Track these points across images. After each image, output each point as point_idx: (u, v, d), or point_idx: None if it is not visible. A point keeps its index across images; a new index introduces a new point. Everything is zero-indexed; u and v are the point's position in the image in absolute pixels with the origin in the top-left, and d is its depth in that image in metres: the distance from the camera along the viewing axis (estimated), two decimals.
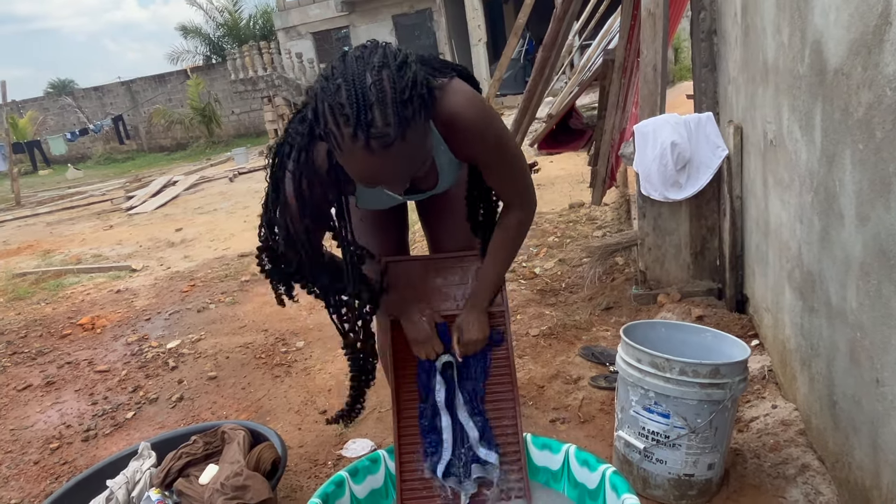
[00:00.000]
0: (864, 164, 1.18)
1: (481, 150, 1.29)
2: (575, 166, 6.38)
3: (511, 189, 1.42)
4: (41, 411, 2.80)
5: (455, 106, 1.20)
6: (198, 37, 20.13)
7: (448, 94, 1.21)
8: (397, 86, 0.99)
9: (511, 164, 1.35)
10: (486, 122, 1.25)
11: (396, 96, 0.98)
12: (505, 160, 1.34)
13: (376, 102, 0.97)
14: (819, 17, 1.38)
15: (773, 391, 2.00)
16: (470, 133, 1.24)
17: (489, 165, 1.35)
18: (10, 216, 9.91)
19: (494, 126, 1.28)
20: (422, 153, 1.10)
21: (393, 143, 0.99)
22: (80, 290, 4.77)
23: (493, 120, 1.28)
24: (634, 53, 3.52)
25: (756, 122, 2.15)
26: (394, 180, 1.10)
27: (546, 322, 2.88)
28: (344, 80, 0.99)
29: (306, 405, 2.48)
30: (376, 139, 0.98)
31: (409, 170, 1.09)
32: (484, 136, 1.26)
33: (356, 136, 0.98)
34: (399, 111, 0.98)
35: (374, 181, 1.09)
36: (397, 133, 0.99)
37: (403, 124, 0.99)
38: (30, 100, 20.93)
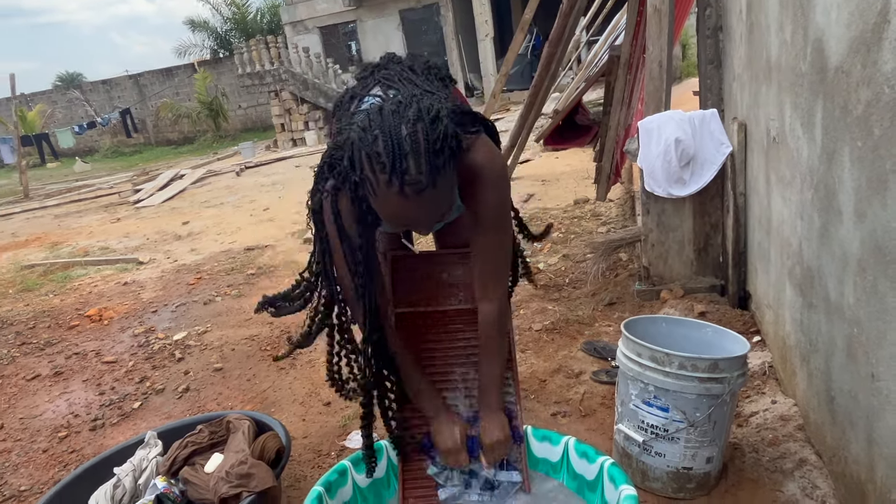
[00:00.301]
0: (862, 161, 1.19)
1: (487, 204, 1.35)
2: (580, 162, 6.38)
3: (493, 261, 1.43)
4: (50, 401, 2.84)
5: (478, 158, 1.29)
6: (205, 30, 20.17)
7: (476, 146, 1.30)
8: (430, 137, 1.08)
9: (501, 234, 1.42)
10: (499, 180, 1.34)
11: (429, 147, 1.08)
12: (498, 226, 1.40)
13: (411, 152, 1.07)
14: (821, 14, 1.39)
15: (773, 387, 2.01)
16: (484, 185, 1.32)
17: (483, 224, 1.39)
18: (19, 208, 9.99)
19: (504, 188, 1.38)
20: (449, 199, 1.18)
21: (425, 190, 1.08)
22: (87, 282, 4.81)
23: (505, 183, 1.38)
24: (640, 50, 3.52)
25: (760, 120, 2.16)
26: (423, 224, 1.20)
27: (549, 317, 2.90)
28: (381, 131, 1.08)
29: (310, 397, 2.51)
30: (410, 185, 1.07)
31: (437, 213, 1.17)
32: (493, 192, 1.34)
33: (391, 183, 1.07)
34: (431, 160, 1.08)
35: (404, 224, 1.19)
36: (429, 181, 1.08)
37: (434, 173, 1.08)
38: (38, 93, 21.03)
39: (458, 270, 1.59)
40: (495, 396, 1.48)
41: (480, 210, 1.37)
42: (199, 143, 18.26)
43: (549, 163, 6.83)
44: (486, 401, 1.49)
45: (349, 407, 2.37)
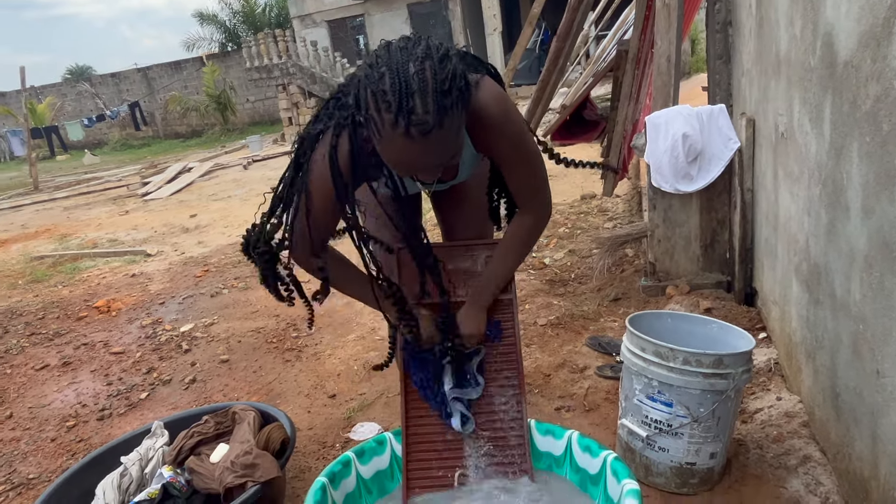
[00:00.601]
0: (870, 156, 1.18)
1: (500, 144, 1.33)
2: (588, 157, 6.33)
3: (526, 188, 1.43)
4: (58, 390, 2.87)
5: (482, 100, 1.25)
6: (214, 24, 20.20)
7: (478, 90, 1.25)
8: (438, 76, 1.03)
9: (527, 162, 1.38)
10: (508, 119, 1.30)
11: (437, 86, 1.03)
12: (521, 157, 1.36)
13: (418, 91, 1.01)
14: (831, 8, 1.38)
15: (778, 383, 2.01)
16: (492, 128, 1.28)
17: (506, 161, 1.38)
18: (29, 200, 10.06)
19: (516, 124, 1.33)
20: (456, 143, 1.14)
21: (431, 131, 1.03)
22: (96, 273, 4.85)
23: (515, 118, 1.33)
24: (648, 44, 3.50)
25: (768, 115, 2.14)
26: (428, 168, 1.14)
27: (554, 312, 2.90)
28: (388, 68, 1.03)
29: (316, 389, 2.52)
30: (416, 126, 1.02)
31: (443, 158, 1.13)
32: (504, 132, 1.30)
33: (397, 123, 1.02)
34: (439, 100, 1.03)
35: (410, 168, 1.14)
36: (436, 121, 1.03)
37: (442, 113, 1.03)
38: (48, 85, 21.15)
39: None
40: (487, 295, 1.51)
41: (497, 151, 1.36)
42: (207, 136, 18.32)
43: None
44: (476, 296, 1.51)
45: (354, 399, 2.39)
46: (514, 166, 1.39)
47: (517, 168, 1.39)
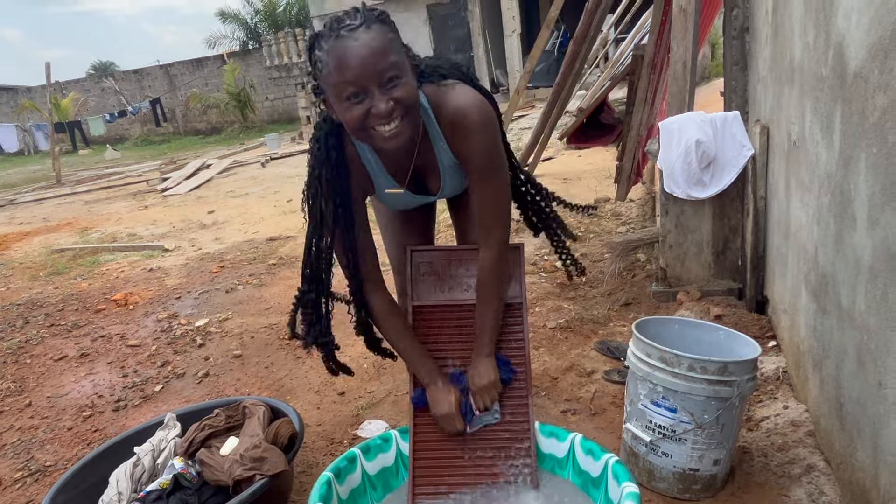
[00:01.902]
0: (876, 168, 1.18)
1: (474, 150, 1.38)
2: (603, 161, 6.35)
3: (492, 208, 1.47)
4: (76, 381, 2.94)
5: (462, 102, 1.34)
6: (235, 22, 20.41)
7: (457, 92, 1.34)
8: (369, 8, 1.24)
9: (495, 180, 1.43)
10: (485, 128, 1.36)
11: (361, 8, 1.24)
12: (490, 172, 1.41)
13: (350, 11, 1.23)
14: (842, 19, 1.38)
15: (786, 392, 2.00)
16: (467, 130, 1.34)
17: (475, 173, 1.42)
18: (51, 194, 10.25)
19: (491, 132, 1.38)
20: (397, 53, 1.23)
21: (358, 28, 1.18)
22: (114, 267, 4.94)
23: (492, 131, 1.39)
24: (665, 49, 3.49)
25: (781, 123, 2.14)
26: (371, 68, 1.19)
27: (564, 315, 2.91)
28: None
29: (325, 386, 2.55)
30: (345, 27, 1.19)
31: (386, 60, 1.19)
32: (478, 139, 1.36)
33: (331, 35, 1.19)
34: (366, 13, 1.22)
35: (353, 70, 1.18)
36: (361, 22, 1.19)
37: (370, 19, 1.21)
38: (72, 81, 21.50)
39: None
40: (486, 341, 1.54)
41: (469, 157, 1.40)
42: (226, 133, 18.51)
43: (572, 161, 6.81)
44: (478, 345, 1.55)
45: (362, 397, 2.42)
46: (481, 178, 1.42)
47: (483, 185, 1.43)
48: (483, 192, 1.45)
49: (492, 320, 1.55)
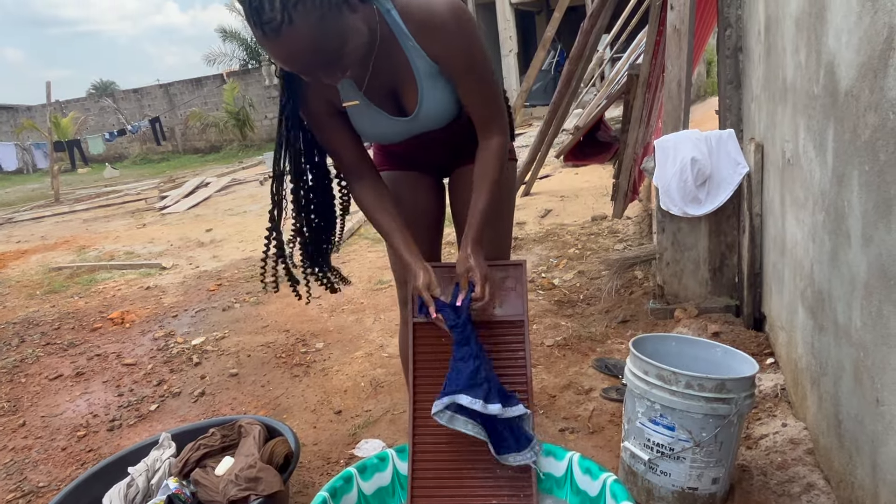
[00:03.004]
0: (869, 185, 1.19)
1: (453, 49, 1.29)
2: (600, 179, 6.38)
3: (484, 106, 1.41)
4: (70, 400, 2.92)
5: (433, 3, 1.26)
6: (236, 40, 20.58)
7: None
8: None
9: (483, 76, 1.36)
10: (459, 25, 1.27)
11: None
12: (476, 67, 1.33)
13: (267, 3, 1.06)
14: (833, 39, 1.40)
15: (784, 410, 2.00)
16: (441, 30, 1.27)
17: (458, 72, 1.34)
18: (49, 212, 10.25)
19: (469, 29, 1.29)
20: (330, 37, 1.12)
21: (281, 28, 1.06)
22: (111, 285, 4.93)
23: (468, 27, 1.29)
24: (659, 68, 3.53)
25: (776, 141, 2.16)
26: (308, 65, 1.15)
27: (561, 333, 2.90)
28: None
29: (322, 405, 2.54)
30: (266, 25, 1.07)
31: (320, 54, 1.12)
32: (454, 36, 1.28)
33: (255, 28, 1.08)
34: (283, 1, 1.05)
35: (292, 67, 1.15)
36: (283, 17, 1.06)
37: (287, 8, 1.05)
38: (73, 100, 21.62)
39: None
40: (475, 231, 1.46)
41: (447, 56, 1.31)
42: (225, 152, 18.58)
43: (569, 179, 6.84)
44: (467, 234, 1.47)
45: (359, 416, 2.40)
46: (466, 77, 1.35)
47: (470, 80, 1.35)
48: (472, 86, 1.37)
49: (484, 210, 1.46)
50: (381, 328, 3.28)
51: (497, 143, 1.45)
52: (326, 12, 1.09)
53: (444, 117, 1.43)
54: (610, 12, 4.16)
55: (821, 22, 1.49)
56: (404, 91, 1.39)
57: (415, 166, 1.69)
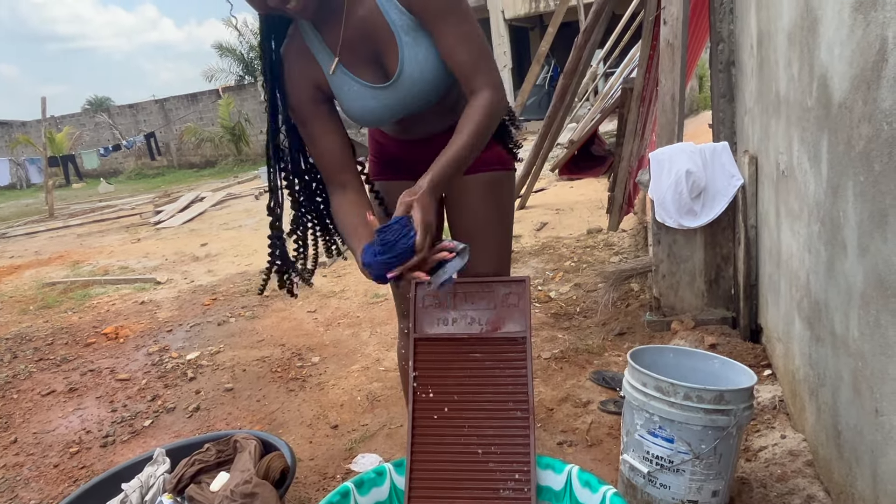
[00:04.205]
0: (864, 195, 1.20)
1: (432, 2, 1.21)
2: (595, 192, 6.41)
3: (467, 54, 1.26)
4: (63, 416, 2.88)
5: None
6: (232, 56, 20.68)
7: None
8: None
9: (462, 19, 1.25)
10: None
11: None
12: (454, 12, 1.23)
13: None
14: (825, 52, 1.41)
15: (783, 421, 1.99)
16: None
17: (436, 15, 1.23)
18: (43, 227, 10.21)
19: None
20: None
21: None
22: (105, 300, 4.90)
23: None
24: (653, 82, 3.56)
25: (769, 153, 2.17)
26: None
27: (559, 345, 2.89)
28: None
29: (318, 419, 2.52)
30: None
31: None
32: None
33: None
34: None
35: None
36: None
37: None
38: (67, 115, 21.63)
39: (480, 298, 1.60)
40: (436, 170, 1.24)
41: (425, 8, 1.23)
42: (220, 166, 18.60)
43: (564, 192, 6.87)
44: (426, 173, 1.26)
45: (356, 430, 2.38)
46: (443, 22, 1.23)
47: (448, 25, 1.24)
48: (450, 36, 1.24)
49: (457, 152, 1.25)
50: (378, 342, 3.26)
51: (486, 96, 1.26)
52: None
53: (430, 81, 1.31)
54: (603, 28, 4.20)
55: (813, 35, 1.51)
56: (385, 53, 1.30)
57: (411, 174, 1.55)
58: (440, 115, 1.46)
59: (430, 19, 1.24)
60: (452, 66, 1.28)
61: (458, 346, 1.59)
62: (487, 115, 1.26)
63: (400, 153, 1.57)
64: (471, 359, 1.58)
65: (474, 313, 1.60)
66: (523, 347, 1.59)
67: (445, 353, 1.60)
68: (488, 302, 1.59)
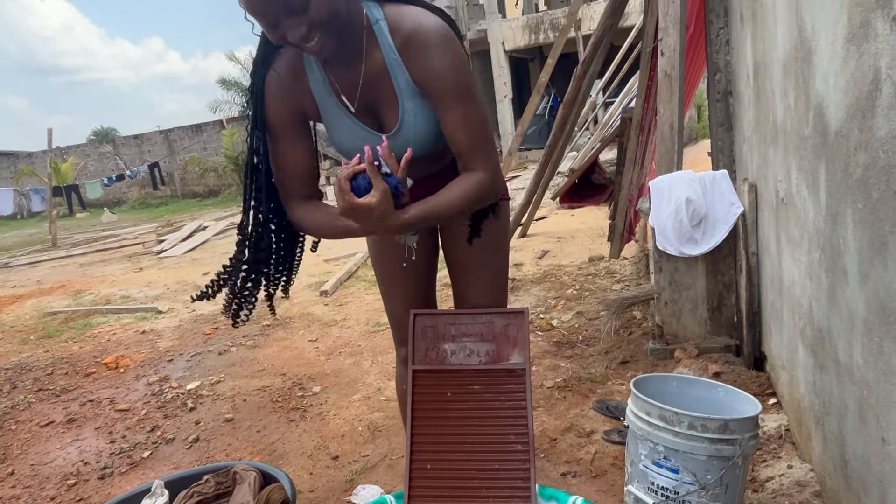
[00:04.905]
0: (863, 223, 1.21)
1: (437, 72, 1.25)
2: (595, 220, 6.42)
3: (468, 136, 1.28)
4: (61, 448, 2.85)
5: (419, 19, 1.26)
6: (235, 88, 20.97)
7: (415, 10, 1.28)
8: None
9: (467, 103, 1.28)
10: (445, 39, 1.25)
11: None
12: (461, 94, 1.26)
13: None
14: (820, 82, 1.44)
15: (789, 451, 1.97)
16: (426, 48, 1.24)
17: (444, 96, 1.27)
18: (46, 257, 10.23)
19: (453, 49, 1.26)
20: None
21: None
22: (106, 329, 4.88)
23: (455, 45, 1.26)
24: (652, 112, 3.60)
25: (769, 181, 2.19)
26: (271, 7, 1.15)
27: (561, 374, 2.87)
28: None
29: (319, 450, 2.49)
30: None
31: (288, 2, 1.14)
32: (441, 56, 1.24)
33: None
34: None
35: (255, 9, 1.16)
36: None
37: None
38: (73, 146, 21.85)
39: (478, 330, 1.60)
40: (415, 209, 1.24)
41: (430, 77, 1.26)
42: (223, 196, 18.72)
43: (565, 220, 6.89)
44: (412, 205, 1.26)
45: (357, 462, 2.35)
46: (449, 102, 1.26)
47: (453, 105, 1.26)
48: (454, 117, 1.27)
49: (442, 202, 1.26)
50: (379, 371, 3.24)
51: (481, 176, 1.29)
52: None
53: (424, 143, 1.36)
54: (602, 59, 4.27)
55: (808, 66, 1.53)
56: (385, 107, 1.35)
57: None
58: (432, 161, 1.48)
59: (437, 97, 1.28)
60: (452, 144, 1.31)
61: (457, 377, 1.59)
62: (478, 192, 1.29)
63: None
64: (470, 391, 1.57)
65: (473, 345, 1.60)
66: (523, 379, 1.57)
67: (444, 385, 1.59)
68: (487, 333, 1.59)
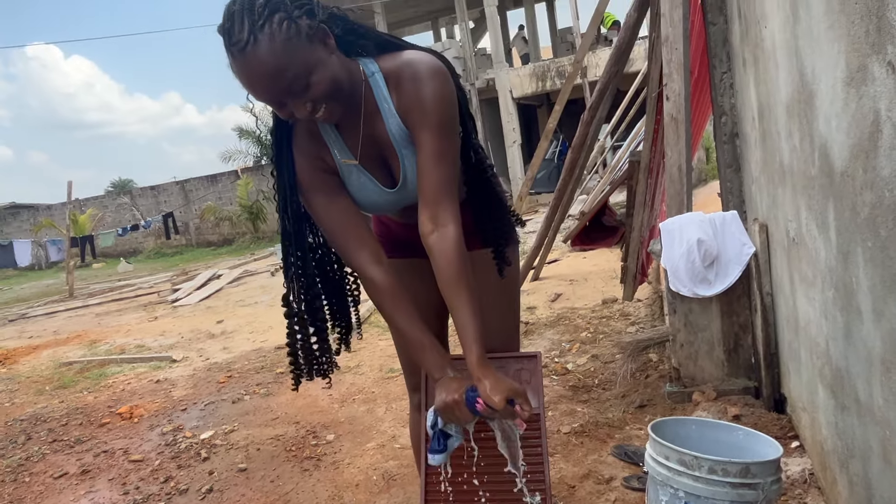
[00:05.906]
0: (874, 261, 1.21)
1: (419, 101, 1.25)
2: (608, 262, 6.42)
3: (439, 177, 1.28)
4: (74, 500, 2.83)
5: (410, 57, 1.28)
6: (250, 138, 21.47)
7: (405, 53, 1.30)
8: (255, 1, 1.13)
9: (446, 136, 1.28)
10: (432, 74, 1.25)
11: (246, 4, 1.12)
12: (442, 126, 1.27)
13: (237, 12, 1.12)
14: (823, 123, 1.46)
15: (815, 496, 1.91)
16: (414, 79, 1.25)
17: (423, 124, 1.27)
18: (63, 307, 10.35)
19: (441, 84, 1.26)
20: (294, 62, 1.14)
21: (246, 47, 1.11)
22: (121, 379, 4.90)
23: (442, 77, 1.26)
24: (659, 155, 3.65)
25: (779, 221, 2.20)
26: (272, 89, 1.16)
27: (578, 419, 2.83)
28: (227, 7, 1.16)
29: (333, 500, 2.46)
30: (234, 45, 1.12)
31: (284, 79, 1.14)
32: (426, 86, 1.25)
33: (227, 51, 1.14)
34: (248, 16, 1.11)
35: (257, 92, 1.18)
36: (248, 38, 1.10)
37: (253, 29, 1.11)
38: (91, 198, 22.36)
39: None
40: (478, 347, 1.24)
41: (414, 109, 1.26)
42: (237, 244, 18.95)
43: (577, 263, 6.89)
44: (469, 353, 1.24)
45: None
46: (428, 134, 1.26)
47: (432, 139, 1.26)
48: (430, 148, 1.26)
49: (471, 314, 1.25)
50: (393, 418, 3.21)
51: (453, 232, 1.28)
52: (294, 37, 1.14)
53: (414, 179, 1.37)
54: (608, 104, 4.35)
55: (810, 108, 1.57)
56: (391, 158, 1.38)
57: (416, 253, 1.54)
58: None
59: (416, 126, 1.29)
60: (421, 177, 1.29)
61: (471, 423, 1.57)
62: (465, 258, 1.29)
63: (404, 235, 1.59)
64: (484, 437, 1.56)
65: None
66: (537, 425, 1.55)
67: None
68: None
